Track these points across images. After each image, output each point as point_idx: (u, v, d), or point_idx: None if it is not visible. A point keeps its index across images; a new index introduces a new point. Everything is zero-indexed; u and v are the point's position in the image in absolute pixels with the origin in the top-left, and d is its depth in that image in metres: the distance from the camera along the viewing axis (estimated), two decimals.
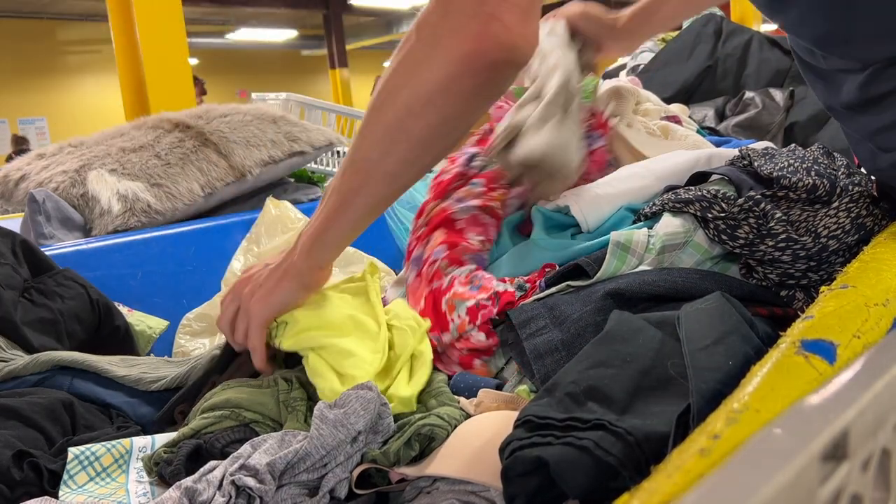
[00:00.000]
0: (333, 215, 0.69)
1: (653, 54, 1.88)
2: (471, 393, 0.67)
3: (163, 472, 0.62)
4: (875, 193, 0.74)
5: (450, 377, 0.71)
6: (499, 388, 0.68)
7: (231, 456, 0.57)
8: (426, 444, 0.59)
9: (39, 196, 1.35)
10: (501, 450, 0.47)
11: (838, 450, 0.32)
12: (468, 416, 0.63)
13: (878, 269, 0.58)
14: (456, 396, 0.67)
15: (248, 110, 1.66)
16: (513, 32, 0.62)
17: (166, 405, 0.77)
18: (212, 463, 0.57)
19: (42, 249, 1.04)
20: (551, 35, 0.95)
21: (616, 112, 1.02)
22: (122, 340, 1.02)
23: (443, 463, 0.55)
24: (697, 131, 1.18)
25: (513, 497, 0.46)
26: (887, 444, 0.37)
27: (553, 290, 0.73)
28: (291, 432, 0.58)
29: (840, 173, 0.75)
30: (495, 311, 0.71)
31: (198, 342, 1.17)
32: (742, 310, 0.60)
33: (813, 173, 0.73)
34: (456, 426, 0.60)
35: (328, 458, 0.55)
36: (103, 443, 0.67)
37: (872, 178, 0.78)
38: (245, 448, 0.57)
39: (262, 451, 0.55)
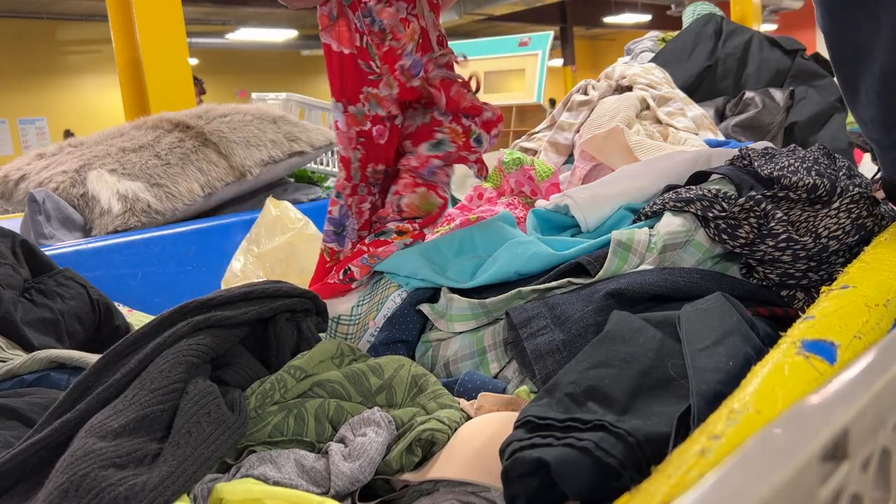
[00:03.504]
0: None
1: (653, 54, 1.88)
2: (476, 395, 0.67)
3: None
4: (875, 195, 0.74)
5: (453, 383, 0.71)
6: (505, 391, 0.68)
7: (246, 475, 0.55)
8: (428, 449, 0.59)
9: (39, 196, 1.35)
10: (502, 451, 0.47)
11: (838, 450, 0.32)
12: (469, 417, 0.62)
13: (879, 269, 0.58)
14: (457, 399, 0.67)
15: (248, 110, 1.67)
16: None
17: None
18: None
19: (42, 249, 1.04)
20: None
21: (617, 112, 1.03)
22: None
23: (444, 466, 0.55)
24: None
25: (513, 498, 0.46)
26: (887, 444, 0.37)
27: (553, 284, 0.73)
28: (302, 454, 0.57)
29: (841, 174, 0.75)
30: None
31: None
32: (743, 310, 0.60)
33: (813, 173, 0.73)
34: (457, 429, 0.59)
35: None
36: None
37: (875, 178, 0.78)
38: (263, 469, 0.55)
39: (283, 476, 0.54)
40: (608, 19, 13.62)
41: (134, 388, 0.55)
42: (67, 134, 9.16)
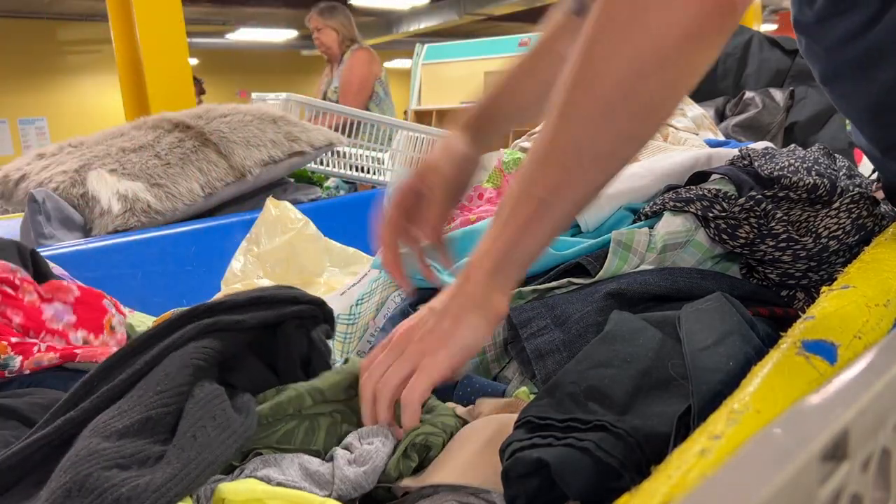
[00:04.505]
0: (527, 224, 0.56)
1: None
2: (475, 399, 0.67)
3: None
4: (876, 195, 0.74)
5: (452, 386, 0.71)
6: (504, 392, 0.68)
7: (249, 476, 0.55)
8: (424, 454, 0.59)
9: (39, 196, 1.35)
10: (502, 451, 0.47)
11: (838, 450, 0.32)
12: (465, 422, 0.62)
13: (879, 269, 0.58)
14: (453, 404, 0.66)
15: (248, 110, 1.66)
16: None
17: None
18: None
19: (41, 249, 1.04)
20: None
21: None
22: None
23: (443, 470, 0.55)
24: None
25: (514, 498, 0.46)
26: (887, 444, 0.37)
27: (553, 284, 0.73)
28: (307, 459, 0.57)
29: (841, 174, 0.75)
30: None
31: None
32: (743, 310, 0.60)
33: (813, 173, 0.73)
34: (452, 433, 0.59)
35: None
36: None
37: (874, 178, 0.78)
38: (267, 471, 0.55)
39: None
40: None
41: (139, 389, 0.55)
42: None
